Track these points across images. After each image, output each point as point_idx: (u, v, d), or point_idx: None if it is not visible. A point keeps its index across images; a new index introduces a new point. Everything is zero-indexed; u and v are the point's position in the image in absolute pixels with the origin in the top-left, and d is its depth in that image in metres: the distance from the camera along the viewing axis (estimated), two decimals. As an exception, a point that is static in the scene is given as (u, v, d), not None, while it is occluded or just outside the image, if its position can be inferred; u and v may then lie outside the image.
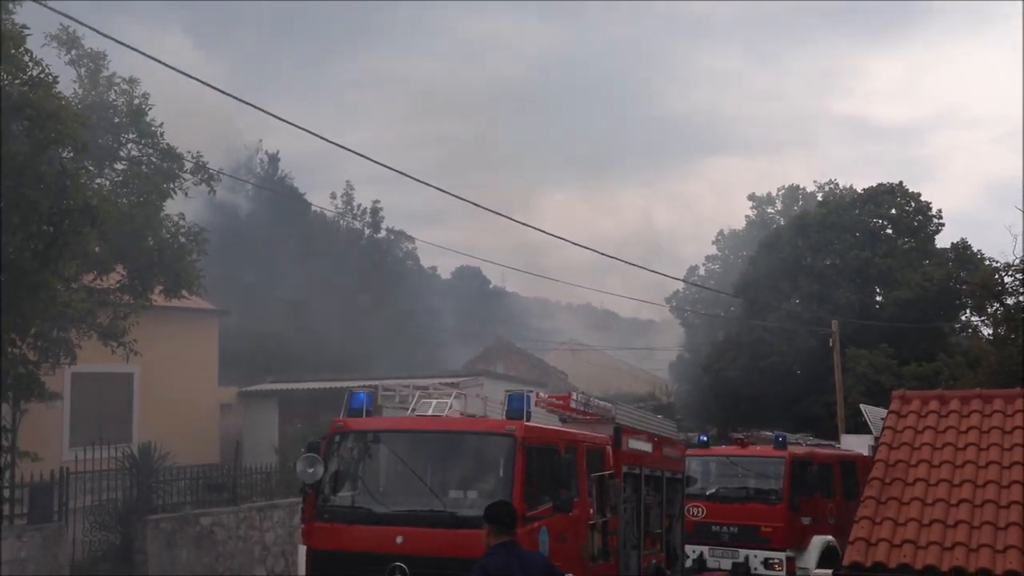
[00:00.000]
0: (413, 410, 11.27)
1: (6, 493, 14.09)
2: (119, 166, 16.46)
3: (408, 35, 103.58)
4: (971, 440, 11.80)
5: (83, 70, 16.11)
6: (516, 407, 10.40)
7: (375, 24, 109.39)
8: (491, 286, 65.09)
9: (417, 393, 11.59)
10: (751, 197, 55.25)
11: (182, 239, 16.59)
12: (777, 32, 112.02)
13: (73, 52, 15.96)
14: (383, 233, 49.24)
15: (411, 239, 54.59)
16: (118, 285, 16.61)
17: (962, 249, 34.94)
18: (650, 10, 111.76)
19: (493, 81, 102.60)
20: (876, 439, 13.89)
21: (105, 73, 16.12)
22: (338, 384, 24.76)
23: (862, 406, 21.55)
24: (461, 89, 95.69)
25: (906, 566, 10.41)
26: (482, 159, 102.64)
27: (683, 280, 46.10)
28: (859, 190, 38.55)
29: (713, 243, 55.69)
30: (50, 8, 9.67)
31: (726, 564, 17.11)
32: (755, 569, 16.96)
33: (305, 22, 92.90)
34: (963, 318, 34.03)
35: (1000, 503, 10.80)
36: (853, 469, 18.68)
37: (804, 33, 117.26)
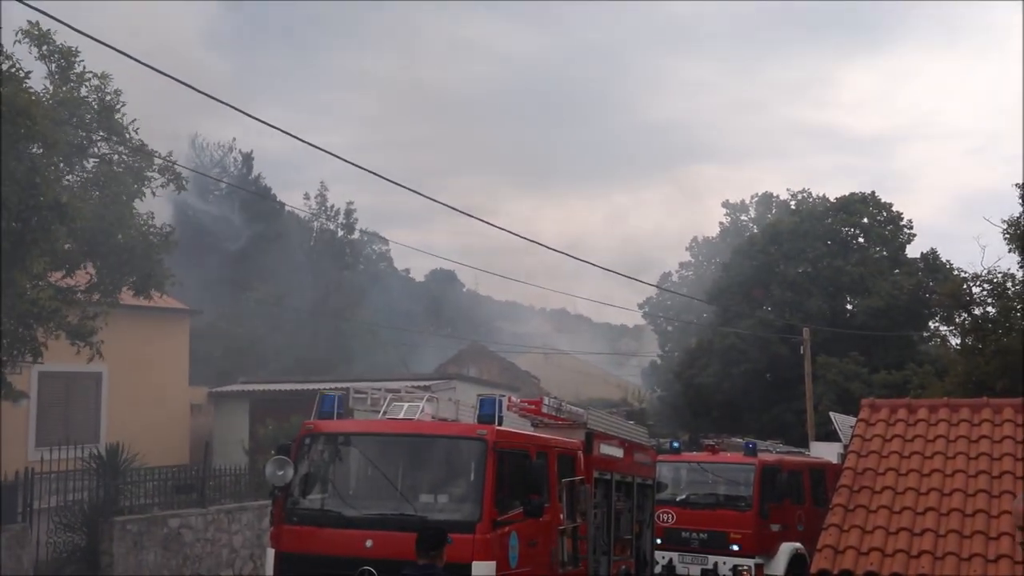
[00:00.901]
0: (384, 413, 11.22)
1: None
2: (89, 163, 16.25)
3: (384, 38, 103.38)
4: (938, 449, 11.94)
5: (54, 66, 15.89)
6: (488, 411, 10.39)
7: (351, 26, 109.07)
8: (465, 289, 65.07)
9: (389, 396, 11.53)
10: (725, 204, 55.58)
11: (152, 238, 16.39)
12: (752, 42, 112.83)
13: (44, 48, 15.74)
14: (356, 235, 49.02)
15: (385, 240, 54.49)
16: (86, 284, 16.39)
17: (932, 259, 35.37)
18: (626, 19, 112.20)
19: (468, 85, 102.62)
20: (845, 447, 14.01)
21: (77, 69, 15.90)
22: (309, 386, 24.62)
23: (832, 414, 21.71)
24: (437, 92, 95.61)
25: (873, 573, 10.50)
26: (456, 163, 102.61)
27: (656, 286, 46.24)
28: (832, 199, 38.88)
29: (687, 249, 55.99)
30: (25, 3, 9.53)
31: (695, 570, 17.19)
32: (724, 575, 17.04)
33: (282, 22, 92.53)
34: (932, 327, 34.38)
35: (965, 512, 10.93)
36: (822, 477, 18.80)
37: (779, 44, 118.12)
